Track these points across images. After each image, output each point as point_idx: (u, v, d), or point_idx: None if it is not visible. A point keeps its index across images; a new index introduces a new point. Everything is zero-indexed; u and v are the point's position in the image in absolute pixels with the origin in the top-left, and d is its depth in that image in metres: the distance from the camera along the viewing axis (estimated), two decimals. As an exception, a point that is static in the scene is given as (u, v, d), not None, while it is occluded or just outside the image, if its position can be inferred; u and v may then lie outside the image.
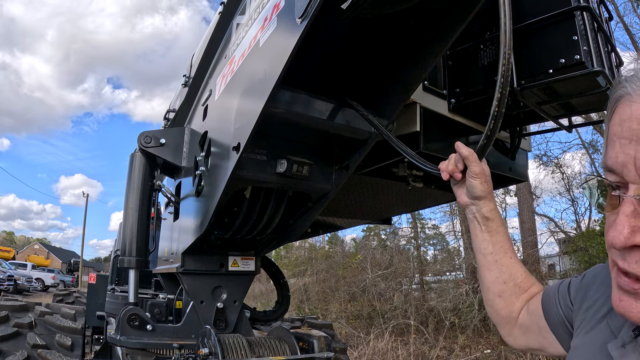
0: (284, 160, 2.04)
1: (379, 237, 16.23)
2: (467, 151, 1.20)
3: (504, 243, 1.19)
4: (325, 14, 1.43)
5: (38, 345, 3.66)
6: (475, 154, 1.20)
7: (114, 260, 5.87)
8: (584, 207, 11.81)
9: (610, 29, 2.27)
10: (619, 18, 10.98)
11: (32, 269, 32.36)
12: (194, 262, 2.65)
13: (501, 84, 1.10)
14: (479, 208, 1.21)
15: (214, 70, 2.59)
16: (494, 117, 1.16)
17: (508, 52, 1.06)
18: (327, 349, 2.67)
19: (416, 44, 1.77)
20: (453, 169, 1.23)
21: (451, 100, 2.23)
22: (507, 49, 1.06)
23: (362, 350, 8.67)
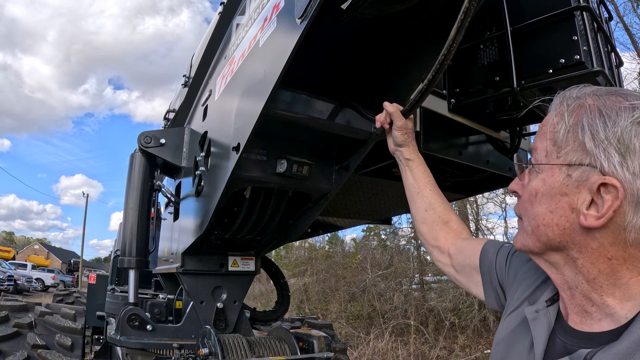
0: (284, 160, 2.04)
1: (379, 237, 16.22)
2: (392, 108, 1.51)
3: (423, 178, 1.45)
4: (325, 14, 1.43)
5: (38, 346, 3.66)
6: (398, 111, 1.50)
7: (114, 260, 5.87)
8: (584, 207, 11.80)
9: (610, 29, 2.27)
10: (619, 18, 10.98)
11: (32, 269, 32.39)
12: (194, 262, 2.65)
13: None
14: (401, 152, 1.51)
15: (214, 70, 2.59)
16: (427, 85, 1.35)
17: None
18: (327, 349, 2.67)
19: (416, 44, 1.78)
20: (383, 120, 1.55)
21: (451, 100, 2.23)
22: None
23: (362, 350, 8.67)
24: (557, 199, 0.76)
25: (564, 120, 0.76)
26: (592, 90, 0.78)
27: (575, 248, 0.76)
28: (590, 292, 0.76)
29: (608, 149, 0.70)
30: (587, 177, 0.72)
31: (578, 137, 0.74)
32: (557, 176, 0.76)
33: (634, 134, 0.69)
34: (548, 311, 0.86)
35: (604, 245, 0.73)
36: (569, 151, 0.75)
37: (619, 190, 0.69)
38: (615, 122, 0.71)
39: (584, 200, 0.73)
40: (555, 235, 0.77)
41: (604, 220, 0.71)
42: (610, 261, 0.73)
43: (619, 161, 0.69)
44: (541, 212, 0.79)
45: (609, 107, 0.73)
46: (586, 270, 0.76)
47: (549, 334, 0.83)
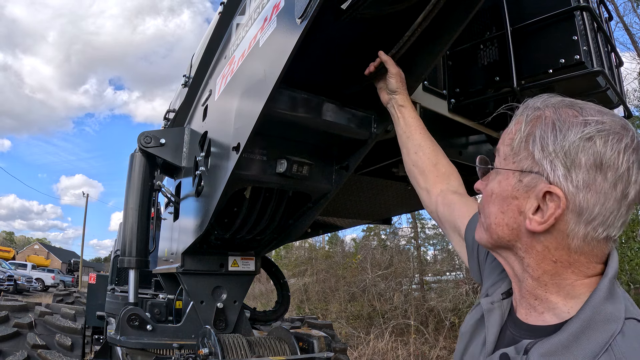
0: (284, 160, 2.04)
1: (379, 237, 16.21)
2: (385, 56, 1.60)
3: (414, 122, 1.54)
4: (325, 14, 1.43)
5: (38, 345, 3.66)
6: (392, 59, 1.60)
7: (114, 260, 5.87)
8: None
9: (610, 29, 2.27)
10: (619, 18, 10.99)
11: (32, 269, 32.35)
12: (194, 262, 2.65)
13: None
14: (395, 100, 1.60)
15: (214, 70, 2.59)
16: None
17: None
18: (327, 349, 2.67)
19: (416, 44, 1.78)
20: (371, 66, 1.64)
21: (451, 100, 2.23)
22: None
23: (362, 350, 8.67)
24: (508, 201, 0.81)
25: (520, 130, 0.81)
26: (554, 101, 0.81)
27: (522, 248, 0.81)
28: (535, 289, 0.81)
29: (554, 161, 0.74)
30: (535, 184, 0.77)
31: (529, 146, 0.78)
32: (511, 180, 0.81)
33: (581, 149, 0.72)
34: (502, 304, 0.91)
35: (549, 249, 0.78)
36: (522, 158, 0.79)
37: (561, 199, 0.73)
38: (565, 136, 0.74)
39: (531, 205, 0.77)
40: (504, 234, 0.83)
41: (546, 226, 0.75)
42: (555, 264, 0.78)
43: (564, 174, 0.73)
44: (494, 211, 0.84)
45: (562, 121, 0.76)
46: (532, 269, 0.81)
47: (501, 326, 0.87)
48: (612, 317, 0.72)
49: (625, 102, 2.17)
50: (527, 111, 0.82)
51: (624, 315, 0.72)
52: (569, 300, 0.77)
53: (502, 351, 0.80)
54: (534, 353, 0.74)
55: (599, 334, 0.71)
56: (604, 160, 0.72)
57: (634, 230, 8.61)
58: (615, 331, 0.70)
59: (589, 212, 0.73)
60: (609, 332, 0.70)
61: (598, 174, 0.72)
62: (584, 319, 0.73)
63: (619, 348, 0.68)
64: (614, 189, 0.72)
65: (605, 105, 2.26)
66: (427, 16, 1.40)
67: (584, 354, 0.70)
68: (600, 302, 0.73)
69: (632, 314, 0.73)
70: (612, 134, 0.73)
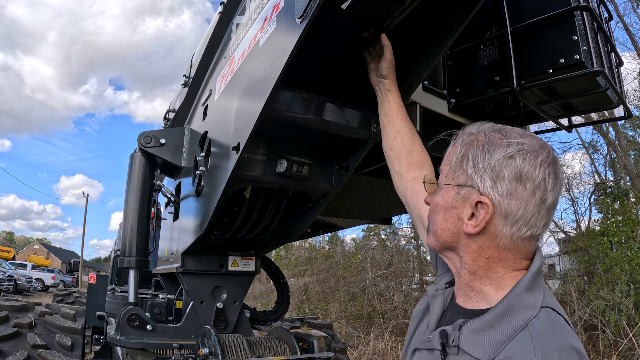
0: (284, 160, 2.04)
1: (379, 237, 16.22)
2: (387, 41, 1.65)
3: (397, 108, 1.62)
4: (325, 14, 1.43)
5: (38, 345, 3.66)
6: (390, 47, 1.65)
7: (114, 260, 5.87)
8: (584, 207, 11.80)
9: (610, 29, 2.27)
10: (619, 18, 10.98)
11: (32, 269, 32.35)
12: (194, 262, 2.65)
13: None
14: (383, 84, 1.67)
15: (214, 70, 2.59)
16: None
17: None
18: (327, 349, 2.67)
19: (416, 44, 1.78)
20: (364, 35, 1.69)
21: (451, 100, 2.23)
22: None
23: (362, 350, 8.67)
24: (449, 211, 0.98)
25: (457, 152, 0.98)
26: (486, 127, 0.98)
27: (462, 248, 0.98)
28: (471, 281, 0.98)
29: (483, 175, 0.92)
30: (469, 195, 0.94)
31: (464, 165, 0.96)
32: (451, 193, 0.98)
33: (504, 166, 0.90)
34: (445, 292, 1.08)
35: (482, 248, 0.94)
36: (458, 175, 0.97)
37: (489, 206, 0.90)
38: (492, 155, 0.92)
39: (467, 212, 0.94)
40: (447, 238, 1.00)
41: (478, 229, 0.92)
42: (487, 260, 0.94)
43: (491, 185, 0.90)
44: (439, 219, 1.01)
45: (490, 143, 0.94)
46: (469, 265, 0.97)
47: (443, 309, 1.05)
48: (530, 304, 0.88)
49: (625, 102, 2.17)
50: (463, 136, 1.00)
51: (540, 304, 0.88)
52: (498, 291, 0.93)
53: (442, 328, 0.97)
54: (465, 329, 0.91)
55: (519, 316, 0.87)
56: (522, 173, 0.89)
57: (634, 230, 8.60)
58: (531, 315, 0.86)
59: (513, 215, 0.90)
60: (526, 316, 0.86)
61: (519, 184, 0.89)
62: (506, 304, 0.89)
63: (534, 329, 0.84)
64: (533, 196, 0.89)
65: (605, 105, 2.27)
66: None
67: (505, 331, 0.86)
68: (521, 292, 0.90)
69: (548, 304, 0.89)
70: (529, 152, 0.90)
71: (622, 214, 9.20)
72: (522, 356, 0.81)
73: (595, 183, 11.41)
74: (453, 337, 0.92)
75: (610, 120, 8.67)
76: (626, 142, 11.12)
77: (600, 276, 8.63)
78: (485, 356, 0.85)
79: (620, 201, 9.66)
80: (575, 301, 8.11)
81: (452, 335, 0.93)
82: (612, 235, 8.70)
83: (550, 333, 0.84)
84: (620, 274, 7.93)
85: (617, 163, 10.89)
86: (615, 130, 10.82)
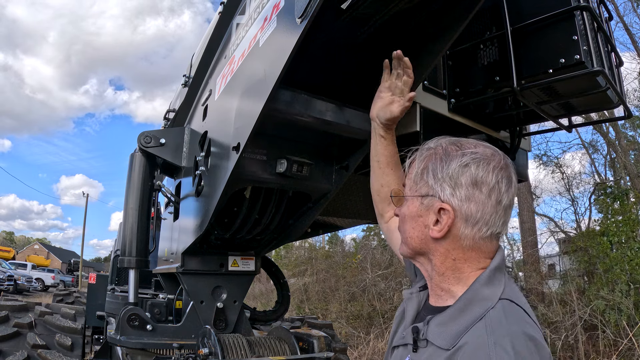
0: (284, 160, 2.04)
1: (379, 237, 16.21)
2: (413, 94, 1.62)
3: (390, 157, 1.62)
4: (325, 14, 1.43)
5: (38, 345, 3.66)
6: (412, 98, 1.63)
7: (114, 260, 5.87)
8: (584, 207, 11.80)
9: (610, 29, 2.27)
10: (619, 18, 10.98)
11: (32, 269, 32.34)
12: (194, 262, 2.65)
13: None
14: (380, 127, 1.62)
15: (214, 70, 2.59)
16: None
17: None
18: (327, 349, 2.67)
19: (416, 43, 1.77)
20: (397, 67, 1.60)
21: (451, 100, 2.23)
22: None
23: (362, 350, 8.67)
24: (415, 219, 1.06)
25: (418, 165, 1.07)
26: (443, 141, 1.07)
27: (430, 252, 1.06)
28: (441, 282, 1.05)
29: (443, 184, 1.00)
30: (432, 203, 1.02)
31: (424, 177, 1.04)
32: (415, 203, 1.06)
33: (460, 174, 0.99)
34: (419, 294, 1.16)
35: (449, 250, 1.02)
36: (421, 186, 1.05)
37: (450, 212, 0.98)
38: (449, 166, 1.00)
39: (431, 219, 1.02)
40: (416, 244, 1.07)
41: (442, 233, 1.00)
42: (454, 261, 1.02)
43: (451, 192, 0.99)
44: (408, 228, 1.09)
45: (446, 154, 1.02)
46: (437, 267, 1.05)
47: (418, 310, 1.13)
48: (487, 297, 0.96)
49: (625, 102, 2.17)
50: (422, 151, 1.09)
51: (498, 297, 0.96)
52: (464, 288, 1.01)
53: (414, 325, 1.05)
54: (432, 323, 1.00)
55: (477, 308, 0.94)
56: (477, 179, 0.98)
57: (634, 230, 8.60)
58: (489, 307, 0.94)
59: (473, 217, 0.98)
60: (484, 307, 0.94)
61: (475, 189, 0.98)
62: (465, 298, 0.98)
63: (490, 318, 0.92)
64: (489, 198, 0.97)
65: (605, 105, 2.27)
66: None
67: (465, 322, 0.94)
68: (480, 286, 0.98)
69: (507, 296, 0.97)
70: (482, 159, 0.99)
71: (622, 214, 9.19)
72: (476, 340, 0.89)
73: (595, 183, 11.41)
74: (422, 331, 1.01)
75: (610, 120, 8.67)
76: (626, 142, 11.12)
77: (600, 276, 8.63)
78: (447, 345, 0.93)
79: (620, 201, 9.66)
80: (575, 301, 8.11)
81: (422, 330, 1.01)
82: (612, 235, 8.70)
83: (504, 321, 0.90)
84: (620, 274, 7.93)
85: (617, 163, 10.89)
86: (615, 130, 10.82)
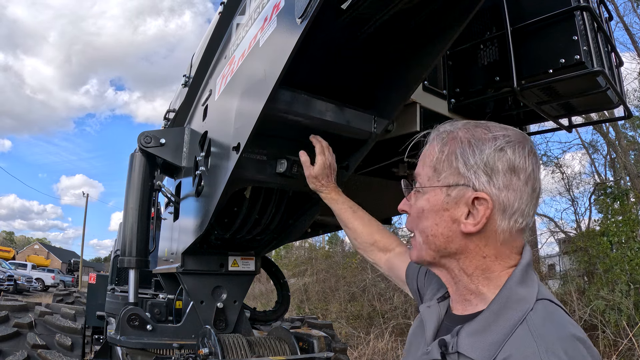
0: (284, 160, 2.04)
1: (379, 237, 16.18)
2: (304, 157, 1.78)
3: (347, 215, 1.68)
4: (325, 14, 1.43)
5: (38, 345, 3.66)
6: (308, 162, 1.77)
7: (114, 260, 5.86)
8: (584, 207, 11.80)
9: (610, 29, 2.27)
10: (619, 18, 10.98)
11: (32, 269, 32.35)
12: (194, 262, 2.65)
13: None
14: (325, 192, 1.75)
15: (214, 70, 2.59)
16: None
17: None
18: (327, 349, 2.67)
19: (416, 43, 1.78)
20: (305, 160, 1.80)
21: (451, 100, 2.23)
22: None
23: (362, 350, 8.67)
24: (440, 214, 0.94)
25: (441, 151, 0.94)
26: (462, 124, 0.96)
27: (458, 251, 0.94)
28: (469, 284, 0.95)
29: (477, 171, 0.89)
30: (463, 194, 0.91)
31: (453, 164, 0.92)
32: (439, 196, 0.94)
33: (497, 159, 0.88)
34: (439, 306, 1.05)
35: (480, 247, 0.92)
36: (446, 175, 0.93)
37: (488, 201, 0.88)
38: (482, 151, 0.90)
39: (462, 212, 0.91)
40: (441, 243, 0.95)
41: (479, 226, 0.89)
42: (484, 259, 0.92)
43: (487, 180, 0.88)
44: (429, 225, 0.96)
45: (477, 139, 0.91)
46: (466, 268, 0.94)
47: (439, 322, 1.02)
48: (524, 298, 0.86)
49: (625, 102, 2.17)
50: (440, 136, 0.97)
51: (535, 297, 0.86)
52: (496, 290, 0.90)
53: (441, 338, 0.93)
54: (462, 334, 0.88)
55: (514, 312, 0.84)
56: (515, 165, 0.88)
57: (634, 230, 8.60)
58: (527, 309, 0.84)
59: (511, 207, 0.88)
60: (522, 310, 0.84)
61: (513, 175, 0.88)
62: (499, 301, 0.87)
63: (532, 322, 0.81)
64: (526, 186, 0.89)
65: (605, 105, 2.27)
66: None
67: (502, 328, 0.83)
68: (514, 286, 0.88)
69: (543, 296, 0.87)
70: (517, 143, 0.90)
71: (622, 214, 9.20)
72: (523, 350, 0.77)
73: (595, 183, 11.41)
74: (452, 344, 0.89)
75: (610, 120, 8.67)
76: (626, 142, 11.12)
77: (600, 276, 8.63)
78: (485, 357, 0.81)
79: (620, 201, 9.67)
80: (575, 301, 8.11)
81: (451, 342, 0.89)
82: (612, 235, 8.70)
83: (550, 324, 0.81)
84: (620, 274, 7.92)
85: (617, 163, 10.89)
86: (615, 130, 10.83)
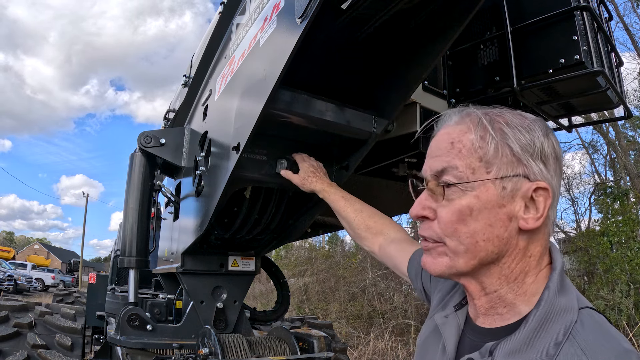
0: (284, 160, 2.04)
1: (379, 237, 16.18)
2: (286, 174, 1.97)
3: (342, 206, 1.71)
4: (325, 14, 1.43)
5: (38, 345, 3.66)
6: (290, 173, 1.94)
7: (114, 260, 5.86)
8: (584, 207, 11.81)
9: (610, 29, 2.27)
10: (619, 18, 10.99)
11: (32, 269, 32.34)
12: (194, 262, 2.65)
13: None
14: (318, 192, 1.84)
15: (214, 70, 2.59)
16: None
17: None
18: (327, 349, 2.67)
19: (416, 43, 1.78)
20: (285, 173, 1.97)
21: (451, 100, 2.23)
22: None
23: (362, 350, 8.67)
24: (495, 212, 0.79)
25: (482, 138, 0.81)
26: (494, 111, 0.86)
27: (507, 254, 0.81)
28: (507, 293, 0.82)
29: (534, 159, 0.79)
30: (520, 186, 0.79)
31: (505, 152, 0.79)
32: (492, 190, 0.79)
33: (547, 144, 0.80)
34: (457, 315, 0.93)
35: (528, 245, 0.81)
36: (500, 165, 0.79)
37: (548, 190, 0.78)
38: (532, 137, 0.80)
39: (520, 207, 0.79)
40: (494, 247, 0.80)
41: (542, 220, 0.78)
42: (529, 259, 0.81)
43: (544, 167, 0.79)
44: (480, 228, 0.79)
45: (522, 125, 0.81)
46: (510, 272, 0.81)
47: (459, 335, 0.89)
48: (566, 308, 0.76)
49: (625, 102, 2.17)
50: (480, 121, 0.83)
51: (577, 306, 0.76)
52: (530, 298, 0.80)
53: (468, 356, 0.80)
54: (498, 353, 0.76)
55: (557, 325, 0.74)
56: (556, 150, 0.82)
57: (634, 230, 8.60)
58: (572, 321, 0.74)
59: (557, 196, 0.82)
60: (566, 322, 0.74)
61: (557, 162, 0.82)
62: (540, 313, 0.76)
63: (581, 336, 0.71)
64: (561, 173, 0.84)
65: (605, 105, 2.27)
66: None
67: (546, 346, 0.72)
68: (554, 296, 0.77)
69: (584, 304, 0.78)
70: (548, 128, 0.84)
71: (622, 214, 9.20)
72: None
73: (595, 183, 11.41)
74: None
75: (610, 120, 8.67)
76: (626, 142, 11.12)
77: (600, 276, 8.63)
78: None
79: (620, 201, 9.67)
80: (575, 301, 8.11)
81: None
82: (612, 235, 8.71)
83: (602, 338, 0.71)
84: (620, 274, 7.93)
85: (617, 163, 10.89)
86: (615, 130, 10.83)
